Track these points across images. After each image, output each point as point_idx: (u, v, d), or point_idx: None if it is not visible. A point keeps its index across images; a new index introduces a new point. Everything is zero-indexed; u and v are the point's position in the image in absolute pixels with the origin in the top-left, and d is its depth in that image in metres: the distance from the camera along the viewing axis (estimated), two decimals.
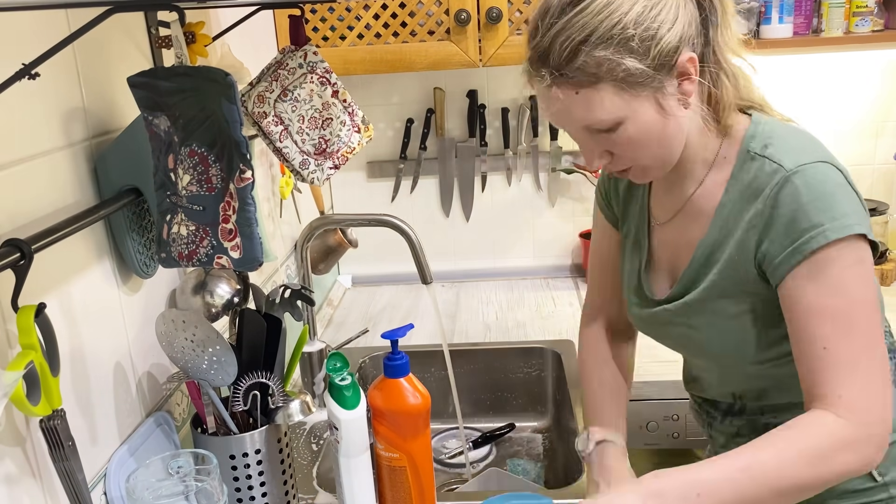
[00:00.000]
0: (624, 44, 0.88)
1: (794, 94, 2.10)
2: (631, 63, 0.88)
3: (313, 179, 1.22)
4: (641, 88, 0.90)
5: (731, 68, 0.97)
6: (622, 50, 0.88)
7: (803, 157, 0.93)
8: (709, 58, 0.95)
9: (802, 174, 0.91)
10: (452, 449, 1.62)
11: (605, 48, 0.88)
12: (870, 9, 1.87)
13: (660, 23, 0.89)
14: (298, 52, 1.21)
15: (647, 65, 0.89)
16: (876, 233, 2.06)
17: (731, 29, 0.97)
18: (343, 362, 1.08)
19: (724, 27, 0.95)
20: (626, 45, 0.88)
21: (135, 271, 1.06)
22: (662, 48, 0.89)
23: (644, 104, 0.92)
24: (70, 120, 0.95)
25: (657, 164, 0.98)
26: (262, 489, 1.07)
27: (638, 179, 1.02)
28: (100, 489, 0.97)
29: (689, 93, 0.93)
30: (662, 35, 0.89)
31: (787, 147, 0.95)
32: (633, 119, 0.92)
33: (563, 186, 2.23)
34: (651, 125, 0.93)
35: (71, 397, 0.92)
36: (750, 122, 1.00)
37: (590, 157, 0.98)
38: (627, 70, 0.89)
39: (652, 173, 1.01)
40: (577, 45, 0.89)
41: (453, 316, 2.01)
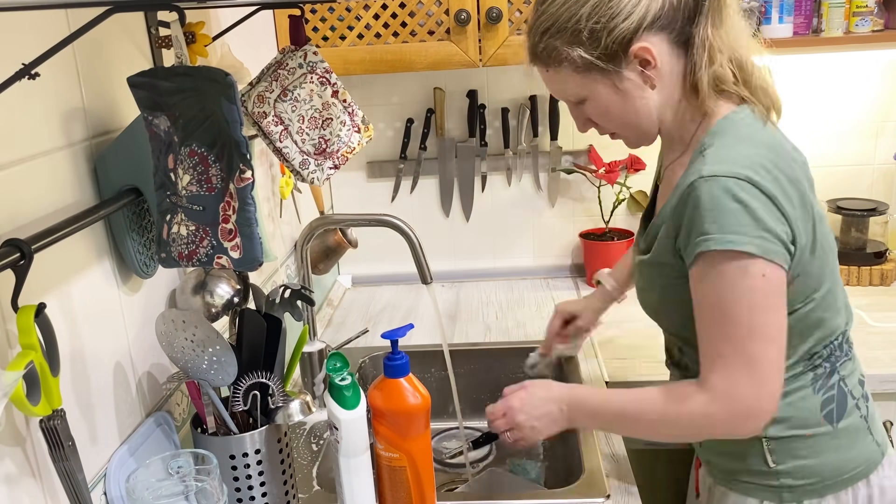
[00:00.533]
0: (575, 36, 1.02)
1: (794, 94, 2.09)
2: (578, 53, 1.02)
3: (313, 179, 1.22)
4: (594, 73, 1.04)
5: (718, 57, 1.03)
6: (573, 41, 1.02)
7: (721, 168, 0.99)
8: (694, 39, 1.03)
9: (710, 184, 0.99)
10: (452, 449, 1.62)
11: (560, 38, 1.03)
12: (870, 9, 1.87)
13: (613, 15, 1.00)
14: (298, 52, 1.21)
15: (595, 56, 1.02)
16: (876, 233, 2.07)
17: (728, 22, 1.04)
18: (343, 362, 1.08)
19: (717, 19, 1.03)
20: (576, 38, 1.02)
21: (135, 271, 1.06)
22: (614, 38, 1.01)
23: (599, 86, 1.05)
24: (70, 120, 0.95)
25: (632, 134, 1.12)
26: (262, 489, 1.07)
27: (629, 145, 1.16)
28: (100, 489, 0.97)
29: (652, 78, 1.04)
30: (615, 26, 1.00)
31: (719, 154, 1.02)
32: (593, 97, 1.07)
33: (563, 186, 2.23)
34: (610, 104, 1.07)
35: (71, 397, 0.92)
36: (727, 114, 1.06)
37: (578, 123, 1.14)
38: (577, 59, 1.03)
39: (635, 141, 1.14)
40: (542, 33, 1.05)
41: (453, 316, 2.01)
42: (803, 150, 1.17)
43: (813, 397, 1.11)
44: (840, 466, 1.11)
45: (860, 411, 1.15)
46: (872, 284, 2.02)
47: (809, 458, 1.11)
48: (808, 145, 2.09)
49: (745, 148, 1.02)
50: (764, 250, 0.97)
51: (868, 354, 1.64)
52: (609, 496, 1.20)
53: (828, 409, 1.11)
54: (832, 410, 1.11)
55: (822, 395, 1.11)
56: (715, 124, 1.06)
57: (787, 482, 1.12)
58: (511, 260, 2.30)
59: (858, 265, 2.02)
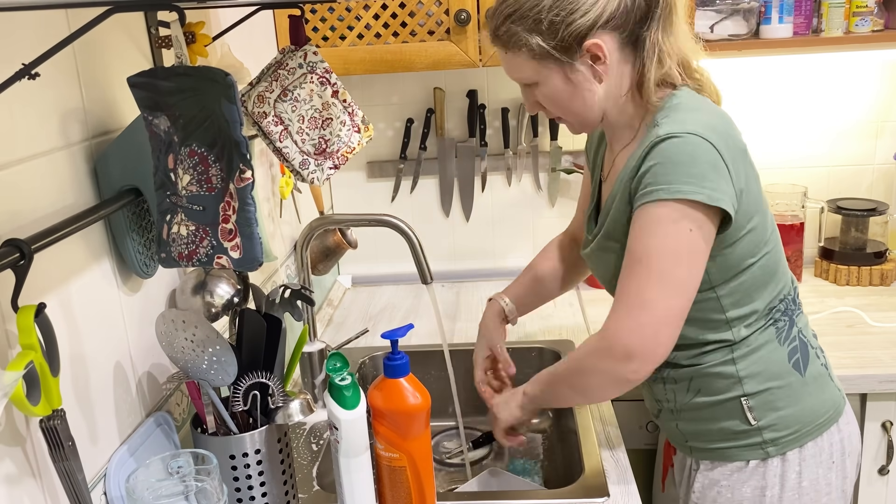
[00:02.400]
0: (535, 25, 1.08)
1: (794, 94, 2.10)
2: (537, 41, 1.08)
3: (313, 179, 1.22)
4: (549, 61, 1.10)
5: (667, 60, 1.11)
6: (533, 29, 1.08)
7: (677, 128, 1.06)
8: (643, 43, 1.10)
9: (667, 142, 1.05)
10: (452, 449, 1.62)
11: (521, 24, 1.09)
12: (870, 9, 1.86)
13: (572, 11, 1.06)
14: (298, 52, 1.21)
15: (551, 46, 1.08)
16: (876, 233, 2.07)
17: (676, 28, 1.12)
18: (343, 362, 1.08)
19: (667, 25, 1.10)
20: (536, 27, 1.08)
21: (135, 271, 1.06)
22: (571, 32, 1.07)
23: (552, 74, 1.11)
24: (70, 120, 0.95)
25: (577, 121, 1.18)
26: (262, 489, 1.07)
27: (571, 130, 1.22)
28: (100, 489, 0.97)
29: (601, 73, 1.10)
30: (573, 21, 1.06)
31: (676, 119, 1.08)
32: (544, 83, 1.13)
33: (563, 186, 2.23)
34: (560, 91, 1.13)
35: (71, 397, 0.92)
36: (671, 94, 1.13)
37: (527, 104, 1.20)
38: (537, 45, 1.08)
39: (577, 128, 1.21)
40: (505, 17, 1.11)
41: (453, 316, 2.01)
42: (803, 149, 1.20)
43: (779, 349, 1.18)
44: (815, 411, 1.19)
45: (820, 360, 1.24)
46: (872, 284, 2.02)
47: (787, 408, 1.18)
48: (808, 145, 2.12)
49: (697, 114, 1.10)
50: (711, 198, 1.03)
51: (868, 354, 1.64)
52: (609, 496, 1.20)
53: (794, 358, 1.19)
54: (798, 360, 1.19)
55: (787, 346, 1.19)
56: (664, 102, 1.13)
57: (770, 436, 1.18)
58: (511, 260, 2.30)
59: (858, 265, 2.03)
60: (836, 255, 2.06)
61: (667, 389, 1.25)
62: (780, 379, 1.18)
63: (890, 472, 1.64)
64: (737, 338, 1.17)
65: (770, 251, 1.16)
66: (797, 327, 1.22)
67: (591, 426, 1.40)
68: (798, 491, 1.19)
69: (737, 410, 1.18)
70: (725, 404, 1.19)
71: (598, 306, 1.97)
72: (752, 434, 1.18)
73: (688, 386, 1.21)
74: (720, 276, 1.13)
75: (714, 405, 1.19)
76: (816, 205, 2.09)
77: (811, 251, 2.14)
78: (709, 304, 1.15)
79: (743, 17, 1.91)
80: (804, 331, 1.23)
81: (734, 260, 1.13)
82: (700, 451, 1.24)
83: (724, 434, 1.20)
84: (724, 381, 1.18)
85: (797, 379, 1.19)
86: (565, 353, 1.71)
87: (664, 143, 1.05)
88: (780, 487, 1.19)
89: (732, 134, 1.11)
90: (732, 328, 1.17)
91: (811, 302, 1.92)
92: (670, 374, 1.23)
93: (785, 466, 1.19)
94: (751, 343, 1.17)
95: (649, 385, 1.28)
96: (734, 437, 1.19)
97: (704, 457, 1.24)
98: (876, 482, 1.65)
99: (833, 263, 2.06)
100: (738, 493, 1.20)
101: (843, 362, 1.59)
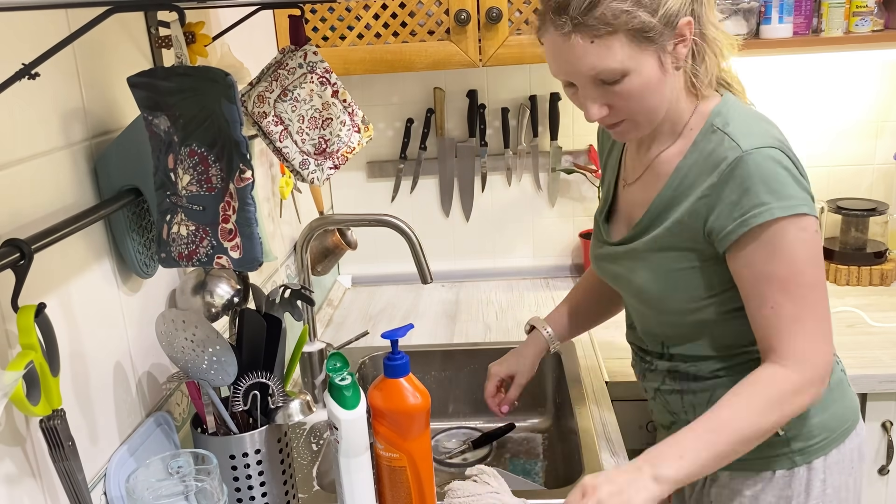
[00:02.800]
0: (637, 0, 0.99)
1: (794, 94, 2.10)
2: (644, 17, 0.98)
3: (313, 179, 1.22)
4: (649, 43, 1.01)
5: (713, 44, 1.07)
6: (636, 4, 0.98)
7: (758, 141, 1.03)
8: (695, 30, 1.04)
9: (756, 156, 1.02)
10: (452, 449, 1.62)
11: (623, 1, 0.98)
12: (870, 9, 1.87)
13: None
14: (298, 52, 1.21)
15: (657, 20, 0.99)
16: (876, 233, 2.07)
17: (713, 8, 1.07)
18: (343, 362, 1.08)
19: (708, 5, 1.06)
20: (639, 1, 0.98)
21: (135, 271, 1.06)
22: (669, 8, 1.00)
23: (649, 59, 1.02)
24: (70, 120, 0.95)
25: (647, 119, 1.08)
26: (262, 489, 1.07)
27: (624, 136, 1.12)
28: (100, 489, 0.97)
29: (682, 55, 1.04)
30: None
31: (746, 129, 1.05)
32: (638, 71, 1.02)
33: (563, 186, 2.23)
34: (652, 80, 1.03)
35: (71, 397, 0.92)
36: (720, 99, 1.10)
37: (591, 108, 1.07)
38: (641, 23, 0.99)
39: (640, 129, 1.10)
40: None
41: (453, 316, 2.01)
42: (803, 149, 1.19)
43: None
44: (839, 417, 1.17)
45: (839, 365, 1.22)
46: (872, 284, 2.02)
47: (814, 416, 1.15)
48: (808, 145, 2.12)
49: (761, 124, 1.07)
50: (811, 209, 1.04)
51: (868, 354, 1.64)
52: None
53: None
54: None
55: None
56: (717, 107, 1.09)
57: (798, 445, 1.15)
58: (511, 260, 2.30)
59: (858, 265, 2.03)
60: (836, 255, 2.06)
61: (685, 402, 1.21)
62: None
63: (890, 472, 1.64)
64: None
65: None
66: None
67: (591, 426, 1.40)
68: (822, 499, 1.17)
69: None
70: None
71: None
72: (779, 445, 1.15)
73: (709, 398, 1.16)
74: None
75: None
76: (816, 205, 2.08)
77: None
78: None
79: (743, 17, 1.91)
80: None
81: None
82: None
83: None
84: None
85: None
86: (566, 355, 1.70)
87: (750, 160, 1.02)
88: (805, 496, 1.16)
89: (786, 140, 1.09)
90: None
91: None
92: (691, 386, 1.20)
93: (811, 475, 1.16)
94: None
95: (664, 398, 1.25)
96: (759, 448, 1.10)
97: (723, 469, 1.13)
98: (876, 482, 1.65)
99: (833, 263, 2.06)
100: (763, 503, 1.18)
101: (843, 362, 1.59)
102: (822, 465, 1.16)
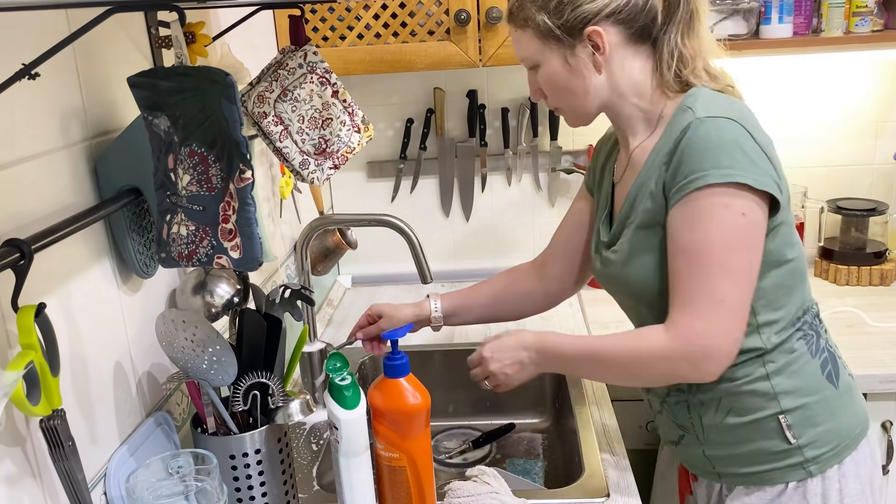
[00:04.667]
0: (546, 3, 1.11)
1: (794, 94, 2.10)
2: (542, 19, 1.12)
3: (313, 179, 1.22)
4: (552, 41, 1.13)
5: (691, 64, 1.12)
6: (542, 7, 1.12)
7: (716, 111, 1.06)
8: (663, 45, 1.11)
9: (706, 123, 1.05)
10: (452, 449, 1.62)
11: (533, 3, 1.12)
12: (870, 9, 1.86)
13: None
14: (298, 52, 1.21)
15: (556, 25, 1.11)
16: (876, 233, 2.07)
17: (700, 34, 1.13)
18: (343, 362, 1.08)
19: (687, 31, 1.11)
20: (546, 4, 1.11)
21: (135, 271, 1.06)
22: (577, 15, 1.10)
23: (553, 55, 1.14)
24: (70, 120, 0.95)
25: (572, 111, 1.19)
26: (262, 489, 1.07)
27: (568, 122, 1.23)
28: (100, 489, 0.97)
29: (600, 64, 1.12)
30: (580, 4, 1.09)
31: (710, 103, 1.09)
32: (545, 64, 1.15)
33: (562, 186, 2.23)
34: (558, 74, 1.15)
35: (71, 397, 0.92)
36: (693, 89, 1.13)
37: (531, 90, 1.22)
38: (543, 23, 1.12)
39: (572, 119, 1.21)
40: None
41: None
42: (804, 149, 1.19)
43: (812, 361, 1.15)
44: (851, 423, 1.17)
45: (847, 370, 1.21)
46: (872, 284, 2.02)
47: (826, 423, 1.14)
48: (808, 145, 2.12)
49: (730, 102, 1.11)
50: (758, 182, 1.02)
51: (868, 354, 1.64)
52: (609, 496, 1.20)
53: (826, 370, 1.16)
54: (830, 371, 1.16)
55: (818, 358, 1.16)
56: (687, 94, 1.12)
57: (812, 454, 1.13)
58: (511, 260, 2.29)
59: (858, 265, 2.03)
60: (836, 255, 2.06)
61: (692, 413, 1.18)
62: (817, 393, 1.14)
63: (890, 472, 1.64)
64: (767, 345, 1.12)
65: (799, 255, 1.14)
66: (824, 339, 1.18)
67: (591, 426, 1.40)
68: None
69: (774, 429, 1.13)
70: (761, 423, 1.13)
71: (598, 306, 1.97)
72: (792, 454, 1.13)
73: (717, 406, 1.15)
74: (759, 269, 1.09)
75: (748, 425, 1.13)
76: (816, 205, 2.09)
77: (811, 251, 2.14)
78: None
79: (743, 17, 1.91)
80: (830, 342, 1.20)
81: (773, 251, 1.10)
82: (733, 477, 1.18)
83: (760, 456, 1.14)
84: (758, 399, 1.13)
85: (832, 392, 1.15)
86: None
87: (701, 126, 1.04)
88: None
89: (761, 127, 1.11)
90: (762, 334, 1.12)
91: None
92: (696, 396, 1.17)
93: (826, 485, 1.14)
94: (783, 356, 1.13)
95: (670, 409, 1.22)
96: (772, 458, 1.13)
97: (738, 482, 1.17)
98: None
99: (833, 263, 2.06)
100: None
101: None
102: (837, 474, 1.14)
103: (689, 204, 1.04)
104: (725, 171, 1.02)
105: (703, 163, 1.03)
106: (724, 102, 1.10)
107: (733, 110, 1.07)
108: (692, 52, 1.12)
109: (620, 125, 1.20)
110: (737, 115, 1.06)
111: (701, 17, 1.12)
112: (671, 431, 1.25)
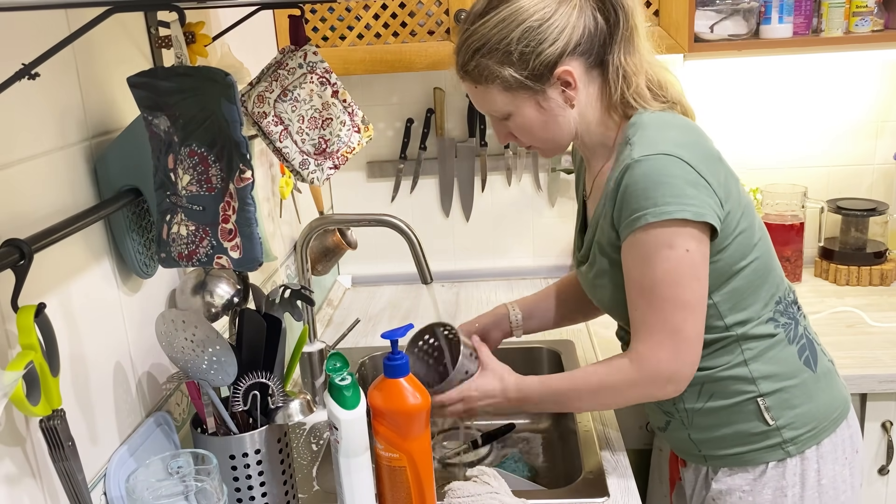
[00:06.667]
0: (506, 56, 1.10)
1: (794, 94, 2.10)
2: (509, 73, 1.10)
3: (313, 179, 1.22)
4: (522, 91, 1.12)
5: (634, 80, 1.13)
6: (504, 61, 1.10)
7: (650, 149, 1.08)
8: (609, 65, 1.13)
9: (642, 164, 1.07)
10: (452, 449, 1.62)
11: (491, 58, 1.10)
12: (870, 9, 1.87)
13: (541, 40, 1.08)
14: (298, 52, 1.21)
15: (524, 75, 1.10)
16: (876, 233, 2.07)
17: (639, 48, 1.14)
18: (343, 362, 1.08)
19: (628, 47, 1.13)
20: (507, 58, 1.10)
21: (135, 271, 1.06)
22: (542, 61, 1.09)
23: (526, 104, 1.14)
24: (69, 120, 0.95)
25: (548, 146, 1.21)
26: (262, 489, 1.07)
27: (543, 155, 1.26)
28: (100, 489, 0.97)
29: (571, 98, 1.13)
30: (543, 51, 1.09)
31: (645, 138, 1.10)
32: (518, 113, 1.15)
33: (562, 186, 2.23)
34: (533, 120, 1.15)
35: (71, 397, 0.92)
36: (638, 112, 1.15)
37: (499, 136, 1.22)
38: (510, 76, 1.10)
39: (549, 153, 1.24)
40: (473, 52, 1.12)
41: (453, 316, 2.01)
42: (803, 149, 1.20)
43: (789, 347, 1.19)
44: (828, 406, 1.21)
45: (826, 356, 1.26)
46: (872, 284, 2.02)
47: (803, 405, 1.18)
48: (808, 145, 2.12)
49: (666, 131, 1.12)
50: (696, 214, 1.06)
51: (868, 354, 1.64)
52: (609, 496, 1.20)
53: (804, 355, 1.20)
54: (808, 357, 1.21)
55: (796, 345, 1.20)
56: (632, 119, 1.14)
57: (790, 434, 1.18)
58: (511, 260, 2.30)
59: (858, 265, 2.03)
60: (836, 255, 2.06)
61: (675, 399, 1.22)
62: (794, 377, 1.18)
63: (890, 472, 1.64)
64: (742, 339, 1.16)
65: (760, 256, 1.17)
66: (802, 326, 1.22)
67: (591, 426, 1.40)
68: (818, 489, 1.19)
69: (753, 412, 1.17)
70: (741, 406, 1.18)
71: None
72: (771, 435, 1.18)
73: (698, 392, 1.19)
74: (713, 284, 1.13)
75: (729, 408, 1.18)
76: (816, 205, 2.09)
77: (811, 251, 2.14)
78: (707, 312, 1.14)
79: (743, 17, 1.91)
80: (809, 329, 1.24)
81: (724, 266, 1.13)
82: (717, 459, 1.22)
83: (741, 437, 1.19)
84: (738, 383, 1.17)
85: (810, 376, 1.19)
86: (565, 354, 1.71)
87: (637, 167, 1.07)
88: (800, 486, 1.19)
89: (702, 143, 1.13)
90: (735, 331, 1.16)
91: (811, 302, 1.92)
92: None
93: (804, 465, 1.18)
94: (760, 342, 1.17)
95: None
96: (752, 439, 1.18)
97: (722, 464, 1.22)
98: (876, 482, 1.65)
99: (833, 263, 2.06)
100: (760, 496, 1.19)
101: (843, 362, 1.58)
102: (815, 454, 1.19)
103: (635, 243, 1.09)
104: (663, 208, 1.05)
105: (642, 202, 1.06)
106: (661, 132, 1.11)
107: (668, 140, 1.09)
108: (634, 69, 1.13)
109: (586, 153, 1.24)
110: (671, 145, 1.08)
111: (640, 31, 1.13)
112: (658, 418, 1.29)
